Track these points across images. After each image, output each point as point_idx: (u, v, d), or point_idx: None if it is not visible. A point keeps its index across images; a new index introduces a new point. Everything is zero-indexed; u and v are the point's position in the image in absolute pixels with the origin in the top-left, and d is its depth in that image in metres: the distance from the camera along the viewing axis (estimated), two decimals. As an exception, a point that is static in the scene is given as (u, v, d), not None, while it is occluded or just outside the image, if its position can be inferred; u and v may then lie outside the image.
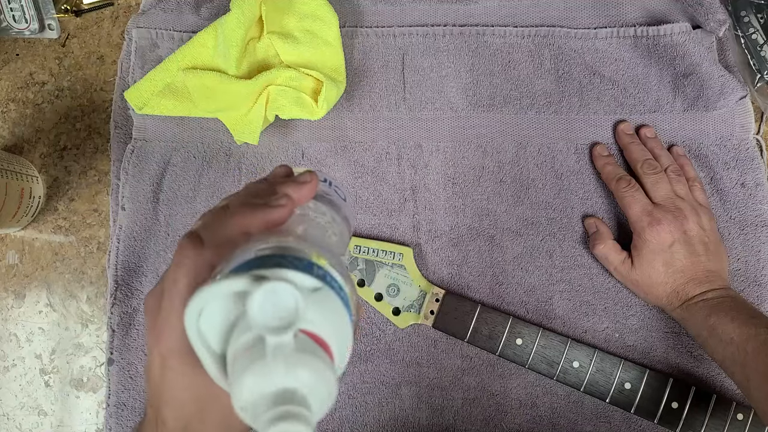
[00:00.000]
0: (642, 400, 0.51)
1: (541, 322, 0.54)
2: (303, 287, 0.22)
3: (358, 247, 0.54)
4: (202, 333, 0.23)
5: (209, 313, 0.23)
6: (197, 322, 0.23)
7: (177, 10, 0.59)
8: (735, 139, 0.56)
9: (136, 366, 0.54)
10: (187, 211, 0.56)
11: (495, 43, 0.58)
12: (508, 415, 0.53)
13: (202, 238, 0.27)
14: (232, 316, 0.23)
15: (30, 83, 0.60)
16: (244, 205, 0.28)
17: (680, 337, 0.54)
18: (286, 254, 0.23)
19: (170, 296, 0.26)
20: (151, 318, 0.28)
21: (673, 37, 0.56)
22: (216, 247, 0.27)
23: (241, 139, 0.54)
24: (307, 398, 0.21)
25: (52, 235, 0.58)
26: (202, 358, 0.24)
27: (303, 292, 0.21)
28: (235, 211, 0.28)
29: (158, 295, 0.27)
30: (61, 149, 0.59)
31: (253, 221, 0.27)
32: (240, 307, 0.23)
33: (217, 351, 0.24)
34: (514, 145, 0.57)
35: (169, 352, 0.27)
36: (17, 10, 0.59)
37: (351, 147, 0.57)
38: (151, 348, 0.28)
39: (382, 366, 0.54)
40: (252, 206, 0.28)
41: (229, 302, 0.23)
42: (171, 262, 0.28)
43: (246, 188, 0.32)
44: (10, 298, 0.58)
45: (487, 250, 0.55)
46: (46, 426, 0.56)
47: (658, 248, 0.50)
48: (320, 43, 0.54)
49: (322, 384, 0.21)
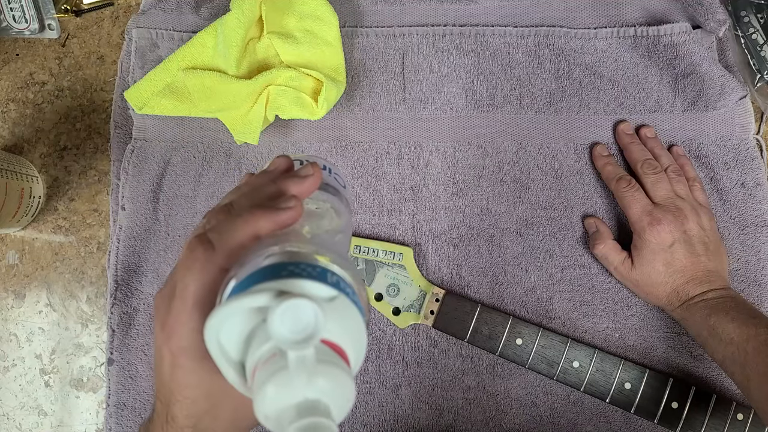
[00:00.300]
0: (642, 400, 0.51)
1: (541, 322, 0.54)
2: (320, 297, 0.23)
3: (358, 247, 0.54)
4: (221, 344, 0.24)
5: (228, 324, 0.24)
6: (218, 336, 0.24)
7: (177, 10, 0.59)
8: (735, 139, 0.56)
9: (136, 366, 0.54)
10: (187, 211, 0.56)
11: (495, 43, 0.58)
12: (508, 415, 0.53)
13: (212, 241, 0.27)
14: (249, 325, 0.24)
15: (30, 83, 0.60)
16: (253, 207, 0.28)
17: (680, 337, 0.54)
18: (299, 261, 0.24)
19: (182, 298, 0.27)
20: (160, 317, 0.28)
21: (673, 37, 0.56)
22: (227, 251, 0.27)
23: (241, 139, 0.54)
24: (329, 408, 0.22)
25: (52, 235, 0.58)
26: (222, 368, 0.25)
27: (320, 303, 0.22)
28: (244, 214, 0.28)
29: (168, 296, 0.28)
30: (61, 149, 0.59)
31: (263, 224, 0.28)
32: (258, 317, 0.24)
33: (235, 360, 0.25)
34: (514, 145, 0.57)
35: (180, 351, 0.27)
36: (17, 10, 0.59)
37: (351, 147, 0.57)
38: (160, 346, 0.28)
39: (382, 366, 0.54)
40: (261, 208, 0.28)
41: (247, 313, 0.24)
42: (178, 262, 0.28)
43: (249, 184, 0.32)
44: (10, 298, 0.58)
45: (487, 250, 0.55)
46: (46, 426, 0.56)
47: (658, 248, 0.50)
48: (320, 43, 0.54)
49: (342, 392, 0.22)
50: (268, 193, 0.30)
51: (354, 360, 0.24)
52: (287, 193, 0.30)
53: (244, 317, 0.24)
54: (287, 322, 0.21)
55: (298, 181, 0.30)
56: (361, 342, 0.24)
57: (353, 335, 0.24)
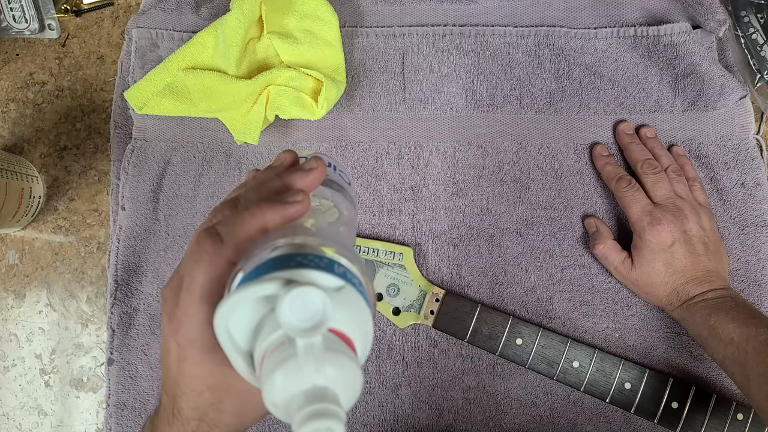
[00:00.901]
0: (642, 400, 0.51)
1: (541, 322, 0.54)
2: (328, 287, 0.23)
3: (358, 247, 0.54)
4: (230, 333, 0.24)
5: (237, 313, 0.24)
6: (227, 325, 0.24)
7: (177, 10, 0.59)
8: (735, 139, 0.56)
9: (136, 366, 0.54)
10: (187, 211, 0.56)
11: (495, 43, 0.58)
12: (508, 415, 0.53)
13: (221, 234, 0.28)
14: (258, 315, 0.24)
15: (30, 83, 0.60)
16: (260, 201, 0.29)
17: (680, 337, 0.54)
18: (306, 253, 0.24)
19: (189, 290, 0.27)
20: (168, 310, 0.28)
21: (673, 37, 0.56)
22: (235, 244, 0.27)
23: (241, 139, 0.54)
24: (337, 395, 0.22)
25: (52, 235, 0.58)
26: (231, 358, 0.25)
27: (328, 292, 0.22)
28: (252, 207, 0.28)
29: (176, 288, 0.28)
30: (61, 149, 0.59)
31: (271, 218, 0.28)
32: (266, 306, 0.24)
33: (243, 349, 0.25)
34: (514, 145, 0.57)
35: (187, 343, 0.27)
36: (17, 10, 0.59)
37: (351, 147, 0.57)
38: (167, 338, 0.28)
39: (382, 366, 0.54)
40: (269, 202, 0.28)
41: (255, 303, 0.24)
42: (186, 255, 0.28)
43: (255, 179, 0.32)
44: (10, 298, 0.58)
45: (487, 250, 0.55)
46: (46, 426, 0.56)
47: (659, 248, 0.50)
48: (320, 43, 0.54)
49: (350, 380, 0.22)
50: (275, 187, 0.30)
51: (361, 350, 0.24)
52: (293, 187, 0.30)
53: (252, 306, 0.24)
54: (296, 310, 0.21)
55: (303, 174, 0.30)
56: (367, 332, 0.24)
57: (360, 325, 0.24)
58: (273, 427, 0.54)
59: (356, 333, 0.24)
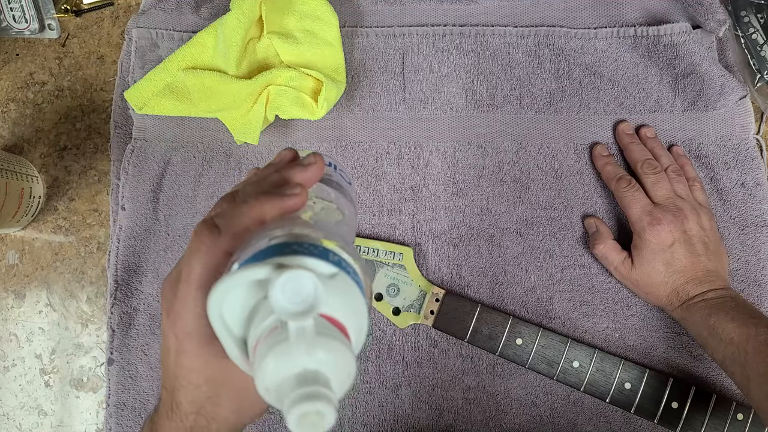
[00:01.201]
0: (642, 400, 0.51)
1: (541, 322, 0.54)
2: (321, 273, 0.23)
3: (358, 247, 0.54)
4: (223, 319, 0.24)
5: (230, 299, 0.24)
6: (220, 309, 0.24)
7: (177, 10, 0.59)
8: (735, 139, 0.56)
9: (136, 366, 0.54)
10: (187, 211, 0.56)
11: (495, 43, 0.58)
12: (508, 415, 0.53)
13: (218, 226, 0.28)
14: (252, 301, 0.24)
15: (30, 83, 0.60)
16: (259, 194, 0.29)
17: (680, 337, 0.54)
18: (302, 241, 0.24)
19: (187, 281, 0.27)
20: (167, 303, 0.28)
21: (673, 37, 0.56)
22: (232, 235, 0.27)
23: (241, 139, 0.54)
24: (329, 379, 0.22)
25: (52, 235, 0.58)
26: (225, 343, 0.25)
27: (321, 278, 0.22)
28: (250, 200, 0.28)
29: (174, 281, 0.28)
30: (61, 149, 0.59)
31: (269, 210, 0.28)
32: (260, 293, 0.24)
33: (237, 336, 0.25)
34: (514, 145, 0.57)
35: (185, 336, 0.27)
36: (17, 10, 0.59)
37: (351, 147, 0.57)
38: (166, 332, 0.28)
39: (382, 366, 0.54)
40: (267, 194, 0.28)
41: (249, 289, 0.24)
42: (187, 248, 0.28)
43: (256, 175, 0.32)
44: (10, 298, 0.58)
45: (487, 250, 0.55)
46: (46, 426, 0.56)
47: (659, 248, 0.50)
48: (320, 43, 0.54)
49: (342, 365, 0.22)
50: (274, 182, 0.30)
51: (355, 337, 0.24)
52: (292, 180, 0.30)
53: (246, 292, 0.24)
54: (287, 293, 0.21)
55: (302, 169, 0.31)
56: (362, 320, 0.24)
57: (354, 313, 0.24)
58: (273, 427, 0.54)
59: (350, 320, 0.24)
